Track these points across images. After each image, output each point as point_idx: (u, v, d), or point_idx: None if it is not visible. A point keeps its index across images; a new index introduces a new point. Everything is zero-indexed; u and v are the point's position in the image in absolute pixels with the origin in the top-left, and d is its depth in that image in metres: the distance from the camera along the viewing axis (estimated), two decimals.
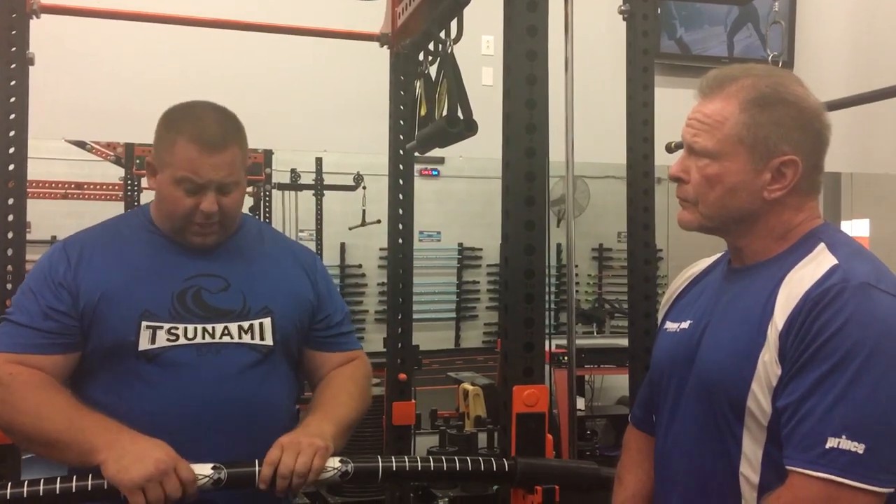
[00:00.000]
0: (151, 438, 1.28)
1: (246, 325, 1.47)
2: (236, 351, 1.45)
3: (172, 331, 1.42)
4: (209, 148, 1.42)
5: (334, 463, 1.28)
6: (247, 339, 1.46)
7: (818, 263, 1.14)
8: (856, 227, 5.08)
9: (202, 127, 1.44)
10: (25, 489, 1.18)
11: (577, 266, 6.02)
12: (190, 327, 1.43)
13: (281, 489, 1.27)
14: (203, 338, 1.44)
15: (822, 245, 1.17)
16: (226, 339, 1.45)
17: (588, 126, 2.96)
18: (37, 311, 1.41)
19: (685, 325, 1.30)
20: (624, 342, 2.14)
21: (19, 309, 1.43)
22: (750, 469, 1.15)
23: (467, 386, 3.78)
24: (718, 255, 1.38)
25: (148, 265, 1.48)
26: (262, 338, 1.47)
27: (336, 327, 1.61)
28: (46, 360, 1.39)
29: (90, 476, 1.22)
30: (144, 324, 1.41)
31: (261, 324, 1.48)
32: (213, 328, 1.45)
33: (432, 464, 1.31)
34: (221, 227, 1.48)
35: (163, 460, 1.22)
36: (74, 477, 1.22)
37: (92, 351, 1.43)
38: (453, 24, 1.67)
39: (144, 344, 1.41)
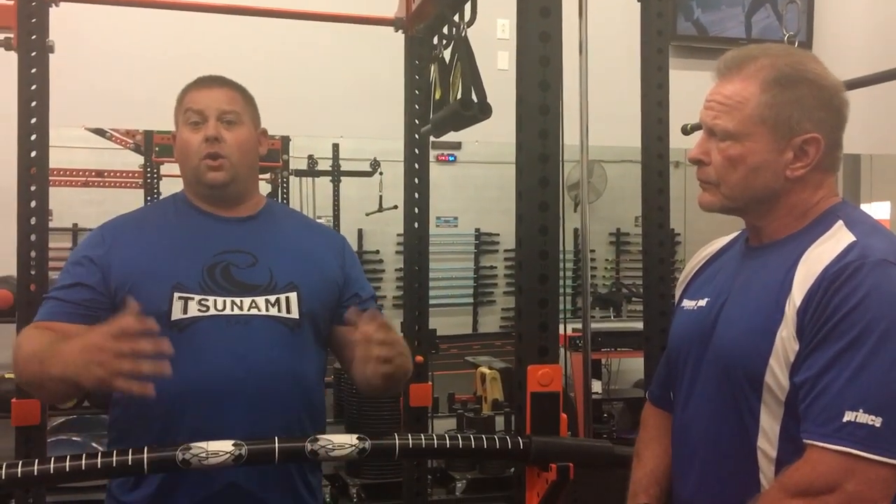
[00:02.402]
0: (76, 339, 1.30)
1: (273, 298, 1.51)
2: (264, 323, 1.49)
3: (203, 302, 1.47)
4: (206, 84, 1.58)
5: (352, 440, 1.30)
6: (274, 311, 1.50)
7: (836, 240, 1.15)
8: (876, 210, 5.03)
9: (202, 77, 1.59)
10: (52, 465, 1.21)
11: (594, 251, 6.02)
12: (219, 300, 1.48)
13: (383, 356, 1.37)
14: (232, 310, 1.48)
15: (839, 222, 1.18)
16: (254, 311, 1.49)
17: (605, 110, 2.96)
18: (67, 284, 1.49)
19: (702, 302, 1.31)
20: (641, 325, 2.15)
21: (56, 284, 1.52)
22: (767, 444, 1.16)
23: (485, 370, 3.81)
24: (735, 233, 1.39)
25: (179, 241, 1.54)
26: (288, 311, 1.52)
27: (365, 303, 1.64)
28: (71, 328, 1.45)
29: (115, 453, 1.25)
30: (177, 295, 1.47)
31: (287, 297, 1.52)
32: (242, 301, 1.49)
33: (448, 441, 1.33)
34: (231, 164, 1.54)
35: (91, 338, 1.23)
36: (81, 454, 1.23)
37: None
38: (467, 8, 1.67)
39: (177, 313, 1.46)
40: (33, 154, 1.92)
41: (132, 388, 1.23)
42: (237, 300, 1.49)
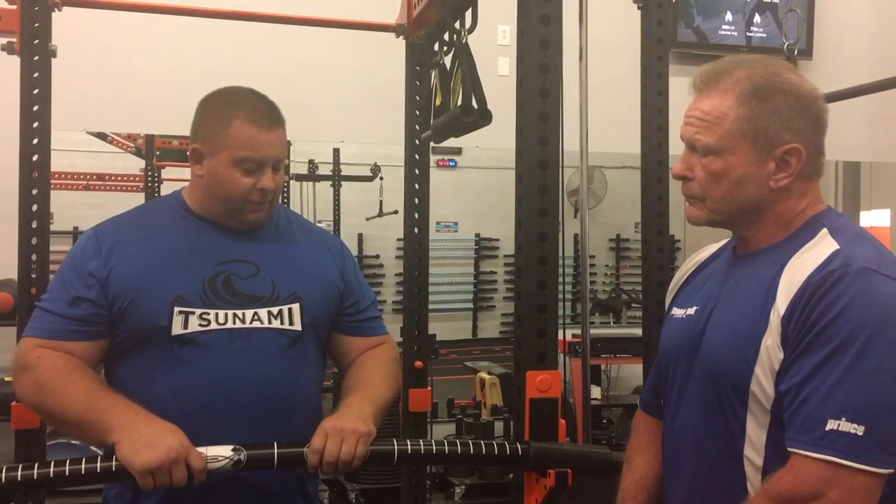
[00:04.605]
0: (167, 423, 1.29)
1: (275, 310, 1.50)
2: (266, 335, 1.48)
3: (204, 316, 1.45)
4: (266, 126, 1.48)
5: None
6: (276, 324, 1.49)
7: (820, 248, 1.16)
8: (876, 218, 5.03)
9: (254, 108, 1.49)
10: (52, 469, 1.21)
11: (594, 256, 6.03)
12: (221, 313, 1.46)
13: (327, 473, 1.33)
14: (234, 323, 1.46)
15: (824, 230, 1.19)
16: (256, 324, 1.48)
17: (605, 116, 2.96)
18: (66, 299, 1.44)
19: (691, 311, 1.31)
20: (640, 332, 2.15)
21: (51, 295, 1.47)
22: (754, 452, 1.17)
23: (484, 375, 3.80)
24: (724, 241, 1.39)
25: (180, 251, 1.50)
26: (291, 323, 1.50)
27: (364, 312, 1.64)
28: (73, 346, 1.43)
29: (99, 458, 1.24)
30: (177, 309, 1.44)
31: (289, 309, 1.51)
32: (244, 313, 1.47)
33: (447, 447, 1.33)
34: (270, 204, 1.53)
35: (174, 448, 1.23)
36: (84, 459, 1.24)
37: (124, 335, 1.46)
38: (468, 14, 1.68)
39: (177, 329, 1.44)
40: (35, 158, 1.93)
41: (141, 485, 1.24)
42: (239, 312, 1.47)
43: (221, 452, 1.25)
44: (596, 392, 4.05)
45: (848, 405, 1.05)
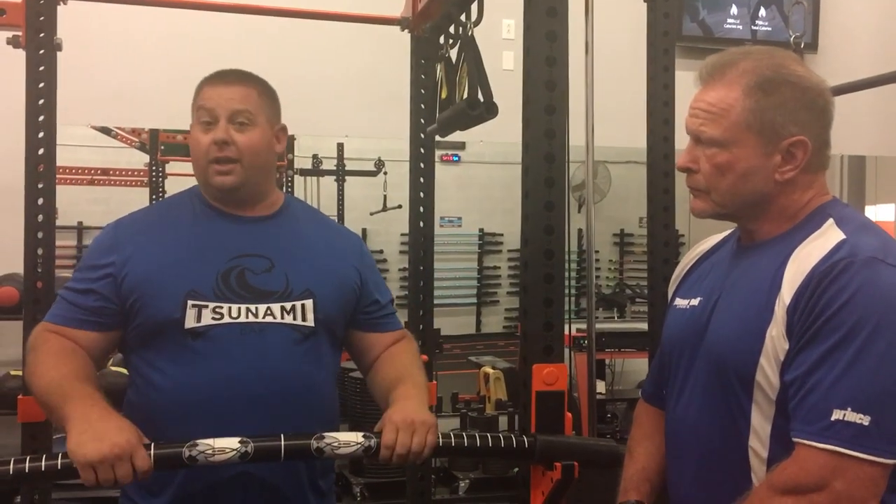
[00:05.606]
0: (121, 419, 1.27)
1: (288, 305, 1.49)
2: (278, 330, 1.48)
3: (217, 310, 1.45)
4: (221, 81, 1.52)
5: (358, 438, 1.30)
6: (289, 319, 1.49)
7: (826, 239, 1.15)
8: (881, 213, 5.02)
9: (220, 71, 1.54)
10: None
11: (598, 252, 6.03)
12: (234, 307, 1.46)
13: (398, 464, 1.33)
14: (246, 317, 1.46)
15: (830, 220, 1.18)
16: (268, 318, 1.47)
17: (609, 110, 2.96)
18: (80, 289, 1.48)
19: (695, 301, 1.31)
20: (644, 326, 2.15)
21: (70, 284, 1.50)
22: (758, 443, 1.16)
23: (488, 369, 3.80)
24: (727, 231, 1.39)
25: (194, 245, 1.51)
26: (303, 319, 1.50)
27: (385, 308, 1.64)
28: (81, 334, 1.45)
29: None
30: (190, 302, 1.45)
31: (302, 305, 1.50)
32: (256, 308, 1.47)
33: (453, 440, 1.33)
34: (241, 167, 1.50)
35: (119, 445, 1.20)
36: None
37: (140, 328, 1.47)
38: (473, 7, 1.68)
39: (190, 322, 1.44)
40: (40, 151, 1.93)
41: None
42: (252, 307, 1.47)
43: (229, 444, 1.25)
44: (600, 386, 4.05)
45: (853, 395, 1.05)
